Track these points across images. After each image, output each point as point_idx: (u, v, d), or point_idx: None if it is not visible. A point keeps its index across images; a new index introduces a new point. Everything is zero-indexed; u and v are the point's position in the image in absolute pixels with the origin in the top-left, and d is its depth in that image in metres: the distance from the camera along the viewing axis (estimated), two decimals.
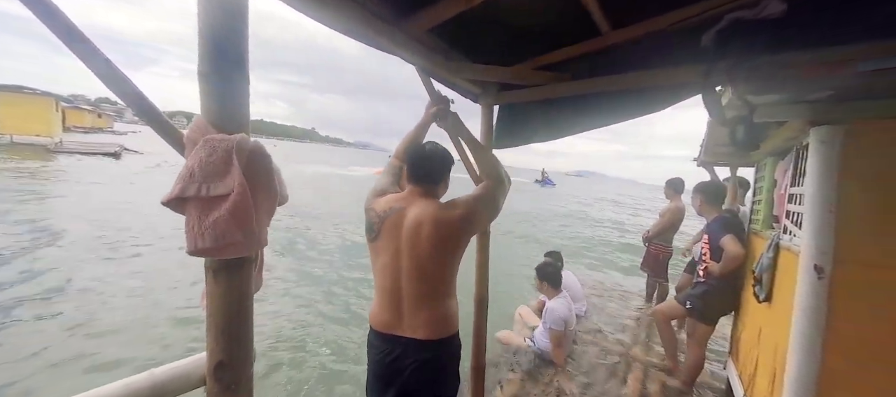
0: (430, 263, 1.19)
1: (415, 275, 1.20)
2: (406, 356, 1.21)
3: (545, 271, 2.88)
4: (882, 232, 1.21)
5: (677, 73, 1.16)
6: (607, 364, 2.89)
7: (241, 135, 0.59)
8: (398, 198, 1.29)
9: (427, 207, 1.22)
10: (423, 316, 1.20)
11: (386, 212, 1.26)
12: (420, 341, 1.20)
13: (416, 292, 1.20)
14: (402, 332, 1.22)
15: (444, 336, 1.23)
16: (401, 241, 1.21)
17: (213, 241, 0.53)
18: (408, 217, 1.22)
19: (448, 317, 1.24)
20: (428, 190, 1.28)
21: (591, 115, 1.45)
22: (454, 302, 1.28)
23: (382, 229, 1.25)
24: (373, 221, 1.28)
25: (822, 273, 1.27)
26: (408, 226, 1.21)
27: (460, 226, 1.21)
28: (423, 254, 1.18)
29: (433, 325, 1.21)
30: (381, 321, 1.26)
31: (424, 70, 1.35)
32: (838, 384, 1.27)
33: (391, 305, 1.23)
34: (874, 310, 1.23)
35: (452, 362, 1.28)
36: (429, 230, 1.18)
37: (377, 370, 1.27)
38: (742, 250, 2.16)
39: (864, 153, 1.22)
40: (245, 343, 0.71)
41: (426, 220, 1.19)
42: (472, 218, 1.24)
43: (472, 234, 1.29)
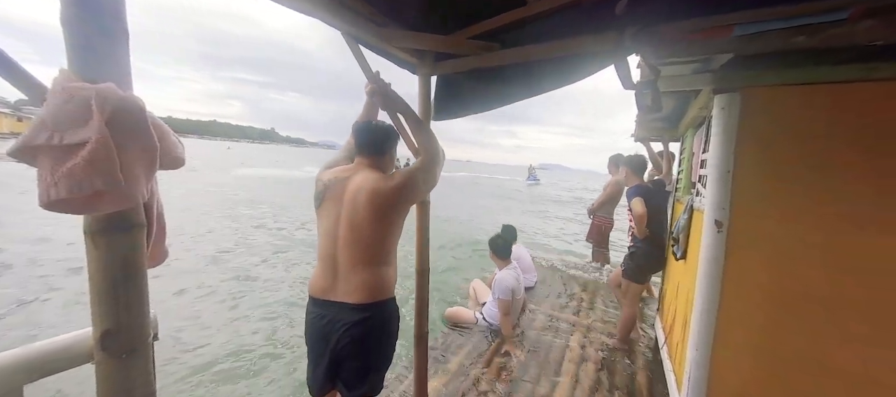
0: (365, 229, 1.24)
1: (350, 241, 1.24)
2: (338, 319, 1.25)
3: (495, 243, 2.98)
4: (770, 188, 1.37)
5: (595, 41, 1.22)
6: (553, 328, 3.08)
7: (105, 85, 0.54)
8: (345, 169, 1.37)
9: (368, 176, 1.28)
10: (356, 280, 1.24)
11: (331, 181, 1.33)
12: (351, 305, 1.24)
13: (351, 257, 1.25)
14: (335, 297, 1.27)
15: (375, 300, 1.26)
16: (341, 208, 1.27)
17: (69, 191, 0.48)
18: (350, 185, 1.28)
19: (381, 283, 1.28)
20: (372, 161, 1.36)
21: (521, 85, 1.49)
22: (390, 270, 1.32)
23: (325, 197, 1.31)
24: (319, 190, 1.35)
25: (721, 227, 1.42)
26: (348, 194, 1.27)
27: (396, 195, 1.26)
28: (359, 221, 1.24)
29: (365, 289, 1.25)
30: (317, 287, 1.30)
31: (352, 36, 1.31)
32: (734, 323, 1.45)
33: (328, 271, 1.28)
34: (762, 257, 1.39)
35: (385, 325, 1.31)
36: (365, 197, 1.23)
37: (312, 334, 1.32)
38: (643, 209, 2.40)
39: (756, 117, 1.36)
40: (137, 309, 0.67)
41: (364, 188, 1.25)
42: (409, 187, 1.29)
43: (409, 204, 1.34)
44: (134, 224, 0.65)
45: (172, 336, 3.23)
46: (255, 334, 3.42)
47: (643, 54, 1.11)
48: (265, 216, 9.02)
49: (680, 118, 2.70)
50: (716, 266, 1.44)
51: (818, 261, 1.31)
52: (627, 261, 2.70)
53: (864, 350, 1.26)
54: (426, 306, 1.70)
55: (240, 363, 2.96)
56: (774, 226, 1.37)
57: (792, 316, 1.36)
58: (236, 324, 3.60)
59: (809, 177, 1.30)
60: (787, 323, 1.37)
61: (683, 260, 1.98)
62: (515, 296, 2.82)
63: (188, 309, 3.86)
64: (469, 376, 2.36)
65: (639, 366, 2.58)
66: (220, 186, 14.22)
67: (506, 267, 2.91)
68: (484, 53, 1.42)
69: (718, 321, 1.45)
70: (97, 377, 0.64)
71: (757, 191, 1.39)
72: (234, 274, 4.91)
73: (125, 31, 0.64)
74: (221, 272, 4.95)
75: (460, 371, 2.42)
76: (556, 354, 2.69)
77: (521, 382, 2.34)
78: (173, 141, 0.70)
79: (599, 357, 2.67)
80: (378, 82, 1.43)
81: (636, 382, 2.40)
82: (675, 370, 1.91)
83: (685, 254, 1.95)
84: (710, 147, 1.50)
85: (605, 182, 4.65)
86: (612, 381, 2.40)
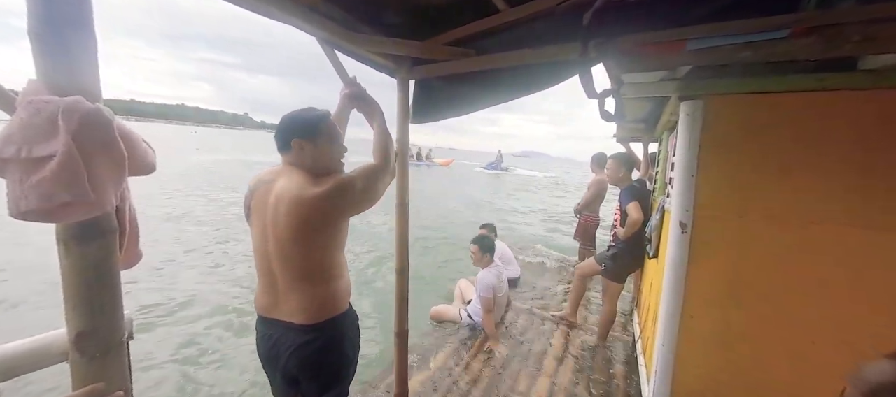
0: (293, 248, 1.07)
1: (281, 259, 1.10)
2: (283, 340, 1.15)
3: (482, 242, 3.03)
4: (730, 190, 1.44)
5: (563, 50, 1.26)
6: (536, 325, 3.16)
7: (73, 98, 0.57)
8: (269, 171, 1.18)
9: (291, 181, 1.08)
10: (295, 300, 1.12)
11: (254, 187, 1.16)
12: (297, 325, 1.13)
13: (286, 276, 1.11)
14: (279, 316, 1.16)
15: (321, 320, 1.14)
16: (266, 219, 1.11)
17: (38, 202, 0.51)
18: (272, 193, 1.11)
19: (323, 303, 1.14)
20: (294, 159, 1.15)
21: (495, 90, 1.53)
22: (339, 283, 1.18)
23: (252, 205, 1.16)
24: (246, 197, 1.18)
25: (685, 228, 1.49)
26: (270, 202, 1.10)
27: (325, 202, 1.05)
28: (283, 237, 1.07)
29: (307, 311, 1.13)
30: (260, 304, 1.20)
31: (327, 42, 1.34)
32: (697, 318, 1.52)
33: (268, 287, 1.16)
34: (722, 256, 1.47)
35: (334, 346, 1.18)
36: (286, 209, 1.05)
37: (262, 354, 1.23)
38: (640, 216, 2.44)
39: (718, 123, 1.43)
40: (110, 311, 0.70)
41: (284, 198, 1.06)
42: (342, 195, 1.08)
43: (345, 213, 1.14)
44: (106, 229, 0.68)
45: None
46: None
47: (606, 64, 1.16)
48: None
49: (657, 121, 2.77)
50: (680, 265, 1.51)
51: (773, 259, 1.39)
52: (608, 261, 2.76)
53: (815, 339, 1.35)
54: (405, 304, 1.75)
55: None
56: (734, 227, 1.44)
57: (749, 310, 1.44)
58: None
59: (765, 181, 1.38)
60: (745, 318, 1.45)
61: (656, 258, 2.06)
62: (497, 294, 2.88)
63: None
64: (452, 372, 2.42)
65: (617, 361, 2.66)
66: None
67: (489, 266, 2.97)
68: (459, 59, 1.46)
69: (683, 316, 1.53)
70: (72, 376, 0.67)
71: (718, 193, 1.46)
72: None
73: (94, 41, 0.66)
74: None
75: (443, 367, 2.47)
76: (538, 350, 2.76)
77: (503, 377, 2.40)
78: (143, 148, 0.73)
79: (580, 352, 2.75)
80: (354, 86, 1.45)
81: (614, 376, 2.48)
82: (646, 364, 1.99)
83: (657, 253, 2.03)
84: (675, 151, 1.57)
85: (581, 174, 4.72)
86: (591, 376, 2.47)
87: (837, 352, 1.31)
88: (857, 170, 1.25)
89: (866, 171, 1.23)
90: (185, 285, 4.36)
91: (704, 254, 1.48)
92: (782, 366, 1.40)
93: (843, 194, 1.27)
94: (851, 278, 1.28)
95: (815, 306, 1.34)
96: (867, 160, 1.23)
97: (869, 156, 1.23)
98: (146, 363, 2.89)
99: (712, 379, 1.51)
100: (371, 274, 5.10)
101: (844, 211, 1.27)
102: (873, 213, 1.24)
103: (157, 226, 6.62)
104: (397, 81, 1.65)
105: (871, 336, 1.25)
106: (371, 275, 5.06)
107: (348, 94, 1.45)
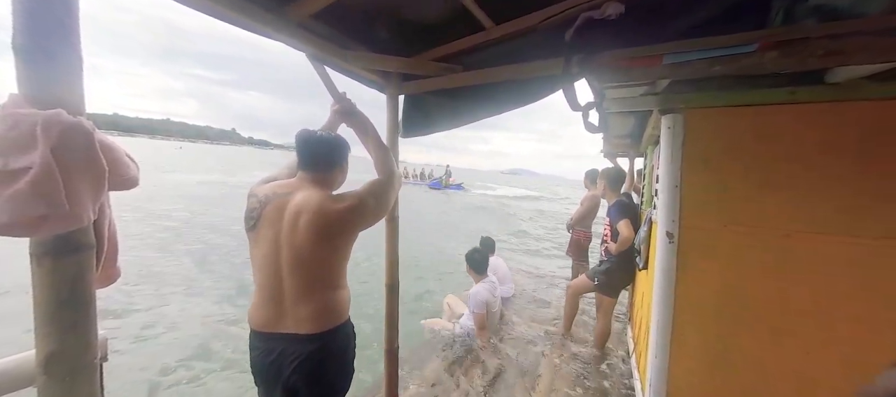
0: (310, 255, 1.13)
1: (295, 268, 1.13)
2: (289, 352, 1.15)
3: (472, 258, 3.02)
4: (713, 200, 1.47)
5: (547, 66, 1.30)
6: (530, 338, 3.12)
7: (53, 111, 0.57)
8: (284, 185, 1.22)
9: (312, 196, 1.16)
10: (305, 309, 1.14)
11: (267, 198, 1.19)
12: (303, 335, 1.14)
13: (297, 285, 1.14)
14: (283, 329, 1.16)
15: (328, 327, 1.17)
16: (280, 231, 1.14)
17: (12, 215, 0.50)
18: (290, 205, 1.16)
19: (333, 309, 1.19)
20: (318, 178, 1.24)
21: (483, 105, 1.56)
22: (342, 293, 1.23)
23: (262, 216, 1.18)
24: (253, 207, 1.20)
25: (671, 238, 1.51)
26: (289, 215, 1.15)
27: (344, 217, 1.16)
28: (302, 245, 1.12)
29: (316, 318, 1.15)
30: (260, 319, 1.18)
31: (316, 58, 1.36)
32: (687, 329, 1.52)
33: (271, 301, 1.16)
34: (709, 265, 1.49)
35: (341, 352, 1.23)
36: (308, 219, 1.12)
37: (260, 371, 1.20)
38: (632, 233, 2.47)
39: (698, 135, 1.48)
40: (83, 331, 0.67)
41: (307, 209, 1.13)
42: (359, 211, 1.19)
43: (359, 227, 1.22)
44: (82, 245, 0.66)
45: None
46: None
47: (587, 79, 1.20)
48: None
49: (642, 135, 2.84)
50: (669, 275, 1.52)
51: (757, 267, 1.41)
52: (601, 276, 2.77)
53: (809, 350, 1.35)
54: (396, 321, 1.72)
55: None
56: (719, 236, 1.46)
57: (738, 320, 1.45)
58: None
59: (746, 191, 1.41)
60: (734, 328, 1.45)
61: (645, 270, 2.07)
62: (491, 309, 2.85)
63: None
64: (444, 386, 2.36)
65: (612, 375, 2.63)
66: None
67: (482, 281, 2.95)
68: (447, 75, 1.49)
69: (674, 328, 1.53)
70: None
71: (702, 203, 1.49)
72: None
73: (78, 55, 0.66)
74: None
75: (436, 381, 2.42)
76: (532, 364, 2.72)
77: (497, 391, 2.35)
78: (125, 162, 0.72)
79: (575, 367, 2.72)
80: (344, 102, 1.47)
81: (609, 390, 2.45)
82: (641, 377, 1.97)
83: (646, 265, 2.04)
84: (659, 163, 1.60)
85: (572, 190, 4.77)
86: (586, 390, 2.44)
87: (830, 361, 1.32)
88: (830, 180, 1.29)
89: (838, 181, 1.28)
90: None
91: (692, 263, 1.50)
92: (777, 378, 1.40)
93: (818, 203, 1.31)
94: (832, 286, 1.31)
95: (802, 316, 1.35)
96: (836, 170, 1.28)
97: (838, 165, 1.28)
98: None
99: (705, 390, 1.51)
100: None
101: (820, 220, 1.31)
102: (846, 222, 1.28)
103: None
104: (387, 97, 1.67)
105: (860, 342, 1.27)
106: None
107: (338, 110, 1.47)
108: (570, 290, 3.09)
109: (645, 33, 1.18)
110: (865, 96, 1.22)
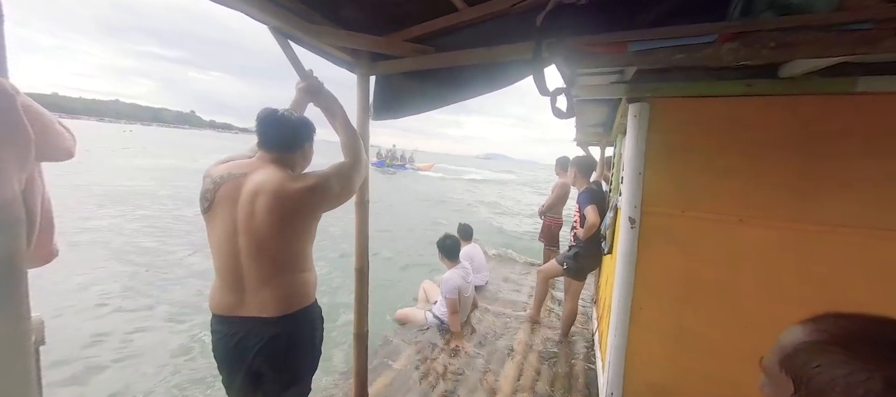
0: (268, 239, 1.08)
1: (254, 252, 1.09)
2: (252, 334, 1.12)
3: (443, 244, 3.04)
4: (674, 188, 1.54)
5: (518, 50, 1.30)
6: (501, 324, 3.20)
7: None
8: (240, 164, 1.17)
9: (271, 176, 1.11)
10: (267, 294, 1.11)
11: (222, 179, 1.13)
12: (266, 318, 1.11)
13: (258, 270, 1.10)
14: (245, 312, 1.12)
15: (292, 310, 1.14)
16: (236, 213, 1.09)
17: None
18: (246, 185, 1.11)
19: (296, 293, 1.16)
20: (278, 157, 1.18)
21: (456, 88, 1.55)
22: (306, 275, 1.19)
23: (216, 198, 1.12)
24: (207, 188, 1.14)
25: (634, 223, 1.57)
26: (244, 196, 1.10)
27: (304, 198, 1.11)
28: (260, 229, 1.07)
29: (279, 301, 1.12)
30: (221, 304, 1.15)
31: (281, 32, 1.29)
32: (645, 310, 1.60)
33: (231, 285, 1.12)
34: (668, 250, 1.56)
35: (305, 336, 1.20)
36: (266, 201, 1.07)
37: (222, 356, 1.18)
38: (598, 218, 2.55)
39: (662, 124, 1.53)
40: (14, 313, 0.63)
41: (265, 190, 1.08)
42: (321, 192, 1.15)
43: (320, 209, 1.18)
44: (10, 219, 0.61)
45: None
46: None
47: (556, 64, 1.20)
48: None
49: (613, 125, 2.92)
50: (630, 259, 1.59)
51: (713, 253, 1.49)
52: (570, 261, 2.85)
53: (762, 332, 1.45)
54: (365, 305, 1.71)
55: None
56: (678, 223, 1.53)
57: (692, 302, 1.53)
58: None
59: (706, 179, 1.48)
60: (689, 309, 1.54)
61: (610, 254, 2.15)
62: (463, 295, 2.89)
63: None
64: (416, 372, 2.39)
65: (578, 355, 2.75)
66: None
67: (454, 267, 2.97)
68: (418, 56, 1.46)
69: (632, 309, 1.60)
70: None
71: (663, 190, 1.55)
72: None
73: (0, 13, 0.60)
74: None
75: (408, 368, 2.44)
76: (503, 348, 2.79)
77: (468, 376, 2.40)
78: (58, 130, 0.67)
79: (544, 348, 2.81)
80: (311, 80, 1.42)
81: (574, 370, 2.56)
82: (602, 355, 2.06)
83: (611, 249, 2.12)
84: (625, 151, 1.65)
85: (532, 177, 4.88)
86: (553, 370, 2.53)
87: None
88: (783, 169, 1.37)
89: (786, 170, 1.36)
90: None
91: (651, 248, 1.56)
92: (729, 357, 1.49)
93: (770, 192, 1.40)
94: (779, 269, 1.40)
95: (756, 299, 1.44)
96: (785, 159, 1.36)
97: (791, 155, 1.36)
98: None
99: (662, 369, 1.60)
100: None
101: (769, 206, 1.39)
102: (792, 209, 1.36)
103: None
104: (357, 77, 1.62)
105: None
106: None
107: (304, 89, 1.42)
108: (541, 275, 3.17)
109: (613, 21, 1.20)
110: (814, 91, 1.30)
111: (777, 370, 0.56)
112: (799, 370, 0.51)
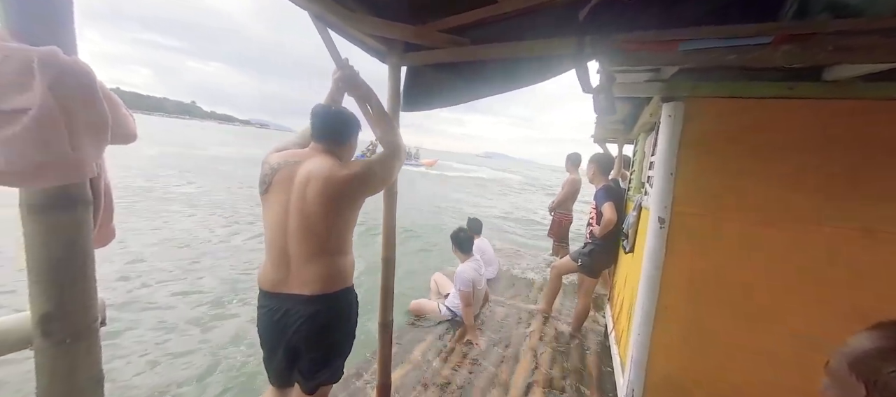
0: (316, 220, 1.17)
1: (301, 232, 1.18)
2: (293, 311, 1.20)
3: (457, 237, 3.04)
4: (706, 188, 1.52)
5: (559, 45, 1.28)
6: (514, 318, 3.21)
7: (49, 48, 0.51)
8: (296, 153, 1.27)
9: (322, 164, 1.20)
10: (310, 272, 1.19)
11: (279, 165, 1.24)
12: (307, 296, 1.20)
13: (303, 249, 1.19)
14: (288, 289, 1.21)
15: (331, 290, 1.22)
16: (290, 196, 1.19)
17: (8, 163, 0.45)
18: (299, 172, 1.21)
19: (337, 274, 1.24)
20: (329, 148, 1.28)
21: (488, 81, 1.53)
22: (346, 259, 1.27)
23: (273, 182, 1.23)
24: (265, 174, 1.26)
25: (663, 223, 1.56)
26: (298, 181, 1.20)
27: (351, 185, 1.20)
28: (309, 211, 1.17)
29: (321, 281, 1.20)
30: (268, 279, 1.24)
31: (319, 18, 1.28)
32: (670, 310, 1.60)
33: (279, 263, 1.21)
34: (697, 250, 1.55)
35: (342, 316, 1.28)
36: (317, 186, 1.16)
37: (266, 329, 1.26)
38: (615, 216, 2.54)
39: (697, 124, 1.51)
40: (81, 292, 0.63)
41: (316, 177, 1.17)
42: (365, 179, 1.24)
43: (363, 196, 1.28)
44: (79, 200, 0.61)
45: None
46: None
47: (600, 60, 1.19)
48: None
49: (635, 122, 2.89)
50: (657, 258, 1.58)
51: (742, 256, 1.48)
52: (584, 258, 2.85)
53: (791, 334, 1.44)
54: (391, 294, 1.72)
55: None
56: (708, 224, 1.52)
57: (719, 303, 1.53)
58: None
59: (739, 180, 1.46)
60: (712, 309, 1.54)
61: (631, 253, 2.14)
62: (476, 287, 2.90)
63: None
64: (431, 364, 2.41)
65: (590, 351, 2.76)
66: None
67: (467, 260, 2.98)
68: (453, 47, 1.44)
69: (657, 308, 1.60)
70: (37, 364, 0.60)
71: (695, 191, 1.53)
72: None
73: None
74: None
75: (423, 360, 2.46)
76: (516, 342, 2.81)
77: (482, 369, 2.42)
78: (124, 113, 0.66)
79: (556, 343, 2.83)
80: (346, 69, 1.41)
81: (587, 365, 2.57)
82: (621, 353, 2.07)
83: (633, 248, 2.12)
84: (656, 150, 1.63)
85: (559, 176, 4.88)
86: (565, 365, 2.55)
87: (810, 346, 1.39)
88: (822, 174, 1.35)
89: (830, 175, 1.34)
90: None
91: (680, 248, 1.56)
92: (754, 360, 1.49)
93: (805, 196, 1.38)
94: (819, 274, 1.38)
95: (787, 302, 1.43)
96: (828, 164, 1.34)
97: (830, 159, 1.34)
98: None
99: (685, 368, 1.60)
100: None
101: (808, 212, 1.37)
102: (833, 215, 1.34)
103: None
104: (388, 66, 1.61)
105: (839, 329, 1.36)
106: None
107: (340, 78, 1.41)
108: (554, 271, 3.18)
109: (659, 17, 1.18)
110: (858, 95, 1.27)
111: (846, 374, 0.56)
112: (872, 374, 0.52)
